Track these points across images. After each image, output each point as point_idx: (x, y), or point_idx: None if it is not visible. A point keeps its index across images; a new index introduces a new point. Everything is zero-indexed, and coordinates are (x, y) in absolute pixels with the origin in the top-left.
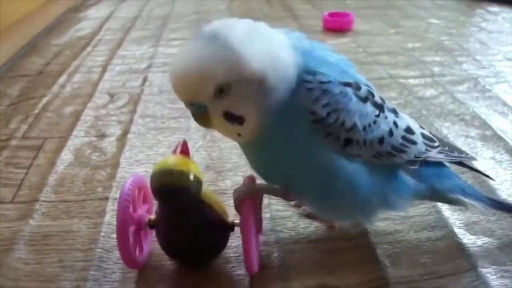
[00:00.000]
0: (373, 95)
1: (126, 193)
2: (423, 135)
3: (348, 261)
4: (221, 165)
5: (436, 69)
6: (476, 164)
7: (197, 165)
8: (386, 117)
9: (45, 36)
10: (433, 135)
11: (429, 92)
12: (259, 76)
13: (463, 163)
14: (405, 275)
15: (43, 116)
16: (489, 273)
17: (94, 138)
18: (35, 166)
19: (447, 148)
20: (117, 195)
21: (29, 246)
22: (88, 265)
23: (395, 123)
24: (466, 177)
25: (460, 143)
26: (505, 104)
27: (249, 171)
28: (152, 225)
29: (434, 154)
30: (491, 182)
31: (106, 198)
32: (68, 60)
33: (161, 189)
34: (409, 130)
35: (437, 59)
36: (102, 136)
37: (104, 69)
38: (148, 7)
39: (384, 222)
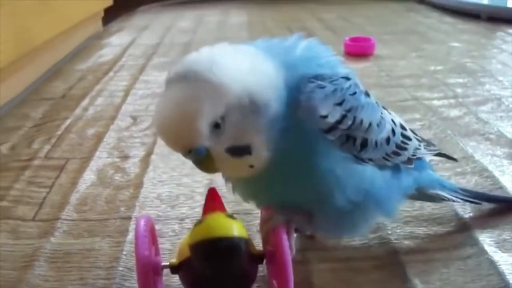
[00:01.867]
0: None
1: (142, 240)
2: (412, 131)
3: (377, 280)
4: None
5: (459, 90)
6: (504, 182)
7: (238, 221)
8: (385, 115)
9: (69, 62)
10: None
11: (453, 112)
12: (246, 97)
13: (440, 153)
14: None
15: (66, 138)
16: None
17: (117, 159)
18: (57, 186)
19: (425, 143)
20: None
21: (49, 263)
22: (110, 283)
23: (392, 120)
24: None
25: (486, 161)
26: None
27: None
28: (175, 269)
29: (423, 150)
30: None
31: (129, 218)
32: (91, 84)
33: (213, 263)
34: (402, 126)
35: (460, 80)
36: (125, 157)
37: (126, 93)
38: (170, 35)
39: (413, 241)
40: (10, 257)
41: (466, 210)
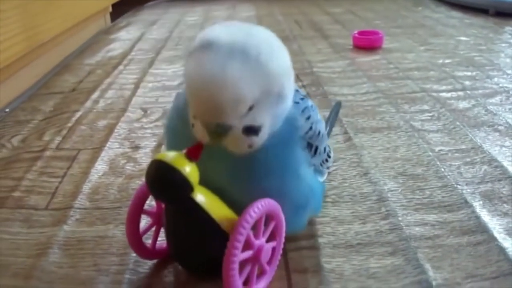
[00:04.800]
0: None
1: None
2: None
3: (389, 265)
4: None
5: (467, 83)
6: None
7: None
8: None
9: (77, 56)
10: None
11: (462, 104)
12: (279, 88)
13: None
14: (447, 278)
15: (77, 129)
16: None
17: (128, 150)
18: (69, 176)
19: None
20: (153, 203)
21: (63, 251)
22: (124, 269)
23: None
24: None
25: (495, 152)
26: None
27: None
28: None
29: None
30: None
31: None
32: (100, 78)
33: (152, 179)
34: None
35: (468, 73)
36: (136, 147)
37: (136, 86)
38: (178, 29)
39: (423, 228)
40: (24, 245)
41: (475, 198)
